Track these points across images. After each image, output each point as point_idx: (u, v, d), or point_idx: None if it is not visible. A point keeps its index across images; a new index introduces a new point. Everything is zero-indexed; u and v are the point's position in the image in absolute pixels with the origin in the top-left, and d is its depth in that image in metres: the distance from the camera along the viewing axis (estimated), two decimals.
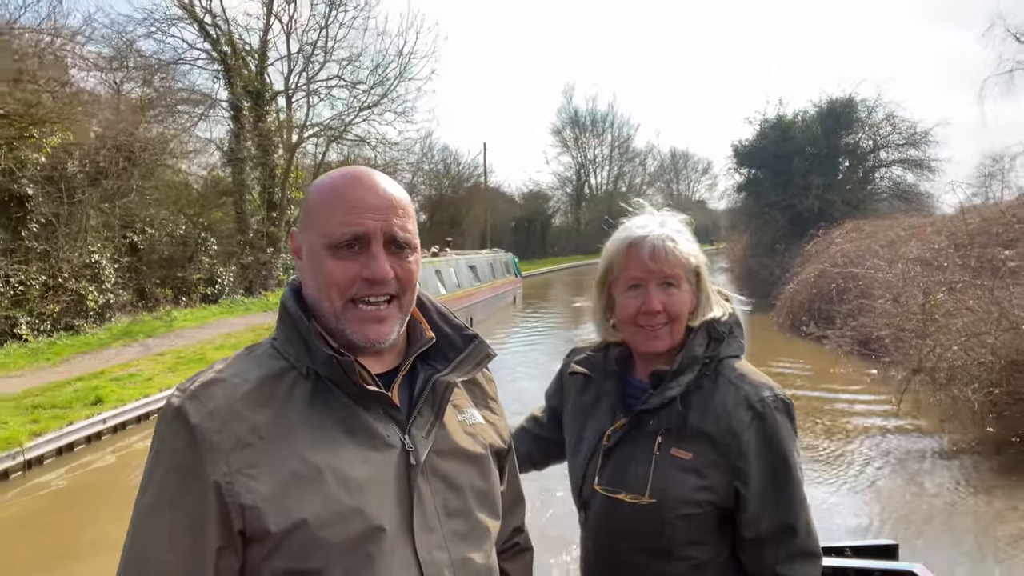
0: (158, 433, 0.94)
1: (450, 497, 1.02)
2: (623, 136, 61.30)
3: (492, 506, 1.09)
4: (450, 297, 15.66)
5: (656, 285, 1.38)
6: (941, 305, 8.95)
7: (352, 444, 0.95)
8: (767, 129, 26.18)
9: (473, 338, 1.12)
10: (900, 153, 26.13)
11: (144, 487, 0.93)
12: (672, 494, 1.32)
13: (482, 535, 1.05)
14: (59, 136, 10.21)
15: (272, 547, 0.89)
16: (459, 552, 1.00)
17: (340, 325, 0.99)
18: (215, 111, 20.08)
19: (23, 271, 11.20)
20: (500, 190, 45.29)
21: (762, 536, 1.32)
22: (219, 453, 0.89)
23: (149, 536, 0.90)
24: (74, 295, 12.23)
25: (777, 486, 1.31)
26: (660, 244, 1.37)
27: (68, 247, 12.11)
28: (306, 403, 0.96)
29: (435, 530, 0.99)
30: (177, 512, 0.89)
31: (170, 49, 18.89)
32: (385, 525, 0.93)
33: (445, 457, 1.03)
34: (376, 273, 0.98)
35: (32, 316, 11.41)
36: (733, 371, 1.38)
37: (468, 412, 1.13)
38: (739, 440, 1.31)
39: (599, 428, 1.45)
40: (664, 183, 70.18)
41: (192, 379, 0.97)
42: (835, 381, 10.32)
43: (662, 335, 1.38)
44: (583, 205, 57.70)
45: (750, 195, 27.28)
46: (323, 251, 0.98)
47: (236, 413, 0.92)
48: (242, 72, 20.20)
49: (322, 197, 1.01)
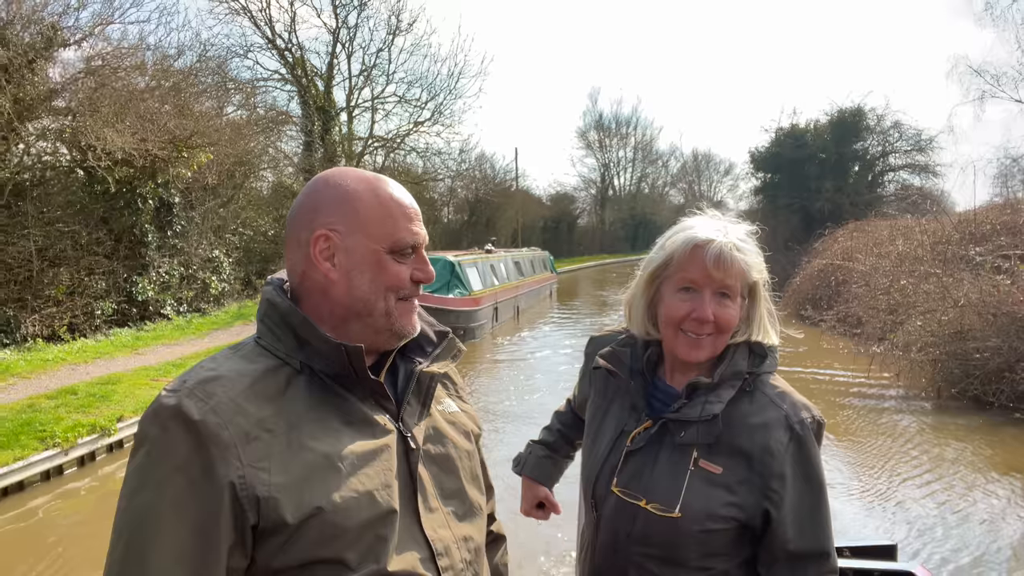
0: (147, 434, 0.91)
1: (445, 479, 1.08)
2: (647, 138, 63.46)
3: (480, 486, 1.16)
4: (502, 288, 18.27)
5: (712, 293, 1.32)
6: (903, 290, 11.33)
7: (353, 432, 0.98)
8: (782, 137, 28.30)
9: (445, 334, 1.17)
10: (907, 158, 28.14)
11: (136, 488, 0.89)
12: (699, 508, 1.27)
13: (476, 512, 1.12)
14: (205, 156, 12.98)
15: (287, 538, 0.90)
16: (459, 530, 1.06)
17: (390, 321, 1.05)
18: (287, 126, 22.90)
19: (168, 263, 14.00)
20: (530, 192, 47.68)
21: (794, 558, 1.28)
22: (229, 449, 0.88)
23: (149, 541, 0.87)
24: (201, 283, 15.03)
25: (811, 510, 1.28)
26: (728, 252, 1.31)
27: (196, 244, 14.92)
28: (304, 397, 0.98)
29: (436, 511, 1.04)
30: (183, 514, 0.87)
31: (254, 72, 21.86)
32: (396, 507, 0.97)
33: (436, 443, 1.09)
34: (429, 275, 1.08)
35: (174, 300, 14.22)
36: (772, 388, 1.34)
37: (445, 402, 1.18)
38: (776, 460, 1.27)
39: (618, 426, 1.41)
40: (686, 184, 71.99)
41: (182, 379, 0.95)
42: (823, 354, 12.68)
43: (705, 344, 1.33)
44: (607, 206, 59.85)
45: (766, 197, 29.48)
46: (383, 255, 1.04)
47: (239, 408, 0.92)
48: (311, 92, 23.02)
49: (377, 204, 1.05)
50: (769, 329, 1.39)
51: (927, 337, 10.31)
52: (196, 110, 12.37)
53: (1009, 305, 9.60)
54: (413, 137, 26.18)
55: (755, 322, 1.38)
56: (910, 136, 27.36)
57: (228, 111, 17.58)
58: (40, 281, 10.94)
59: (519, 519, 1.90)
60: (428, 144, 26.93)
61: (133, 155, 11.03)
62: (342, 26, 23.68)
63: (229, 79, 18.57)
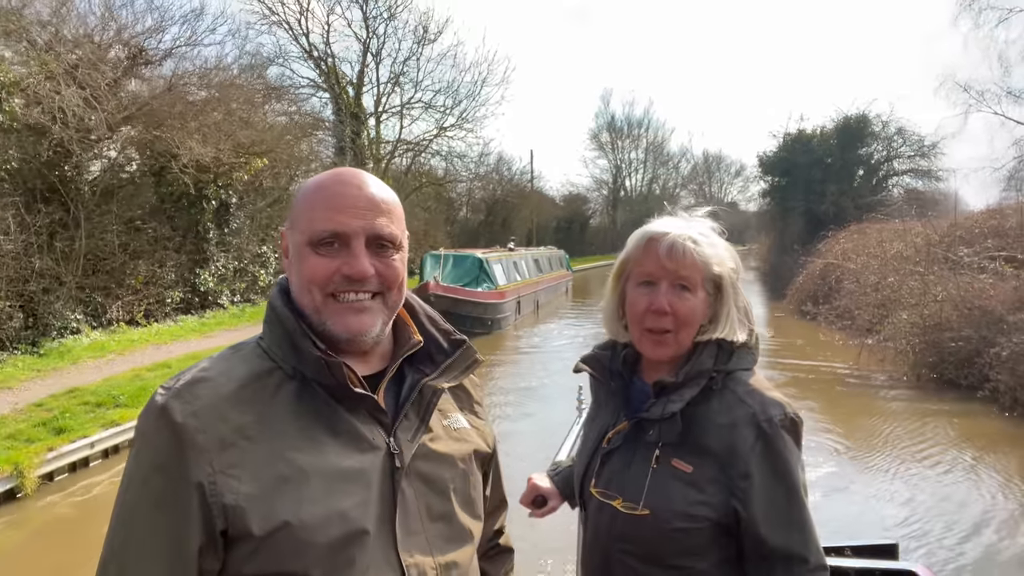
0: (140, 430, 0.94)
1: (433, 500, 1.03)
2: (658, 140, 64.05)
3: (475, 510, 1.11)
4: (524, 283, 19.65)
5: (668, 285, 1.33)
6: (890, 287, 12.61)
7: (337, 446, 0.96)
8: (789, 142, 29.29)
9: (461, 343, 1.13)
10: (911, 163, 29.15)
11: (126, 485, 0.93)
12: (668, 506, 1.29)
13: (465, 538, 1.06)
14: (261, 161, 14.43)
15: (254, 549, 0.89)
16: (442, 555, 1.01)
17: (321, 319, 0.99)
18: (321, 131, 24.38)
19: (224, 258, 15.46)
20: (543, 192, 48.92)
21: (770, 559, 1.27)
22: (203, 453, 0.89)
23: (131, 535, 0.91)
24: (251, 276, 16.51)
25: (782, 509, 1.27)
26: (680, 243, 1.32)
27: (247, 240, 16.39)
28: (291, 404, 0.96)
29: (418, 533, 1.00)
30: (161, 512, 0.90)
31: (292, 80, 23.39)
32: (368, 528, 0.94)
33: (430, 461, 1.04)
34: (354, 270, 0.98)
35: (229, 291, 15.69)
36: (742, 385, 1.33)
37: (453, 417, 1.13)
38: (741, 459, 1.26)
39: (603, 429, 1.43)
40: (697, 185, 72.22)
41: (177, 377, 0.97)
42: (820, 346, 13.95)
43: (668, 342, 1.34)
44: (619, 207, 60.87)
45: (774, 200, 30.54)
46: (305, 248, 0.99)
47: (221, 413, 0.92)
48: (343, 98, 24.48)
49: (307, 196, 1.02)
50: (737, 327, 1.36)
51: (910, 328, 11.55)
52: (256, 120, 13.82)
53: (981, 300, 10.84)
54: (437, 141, 27.63)
55: (722, 318, 1.36)
56: (913, 142, 28.37)
57: (272, 118, 19.04)
58: (123, 272, 12.40)
59: (544, 520, 1.73)
60: (451, 148, 28.37)
61: (208, 163, 12.49)
62: (372, 36, 25.16)
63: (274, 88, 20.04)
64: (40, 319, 10.51)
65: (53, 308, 10.73)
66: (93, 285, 11.85)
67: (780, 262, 27.48)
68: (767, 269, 30.35)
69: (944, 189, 27.01)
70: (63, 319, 10.93)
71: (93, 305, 11.85)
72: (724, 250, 1.38)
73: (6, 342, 9.82)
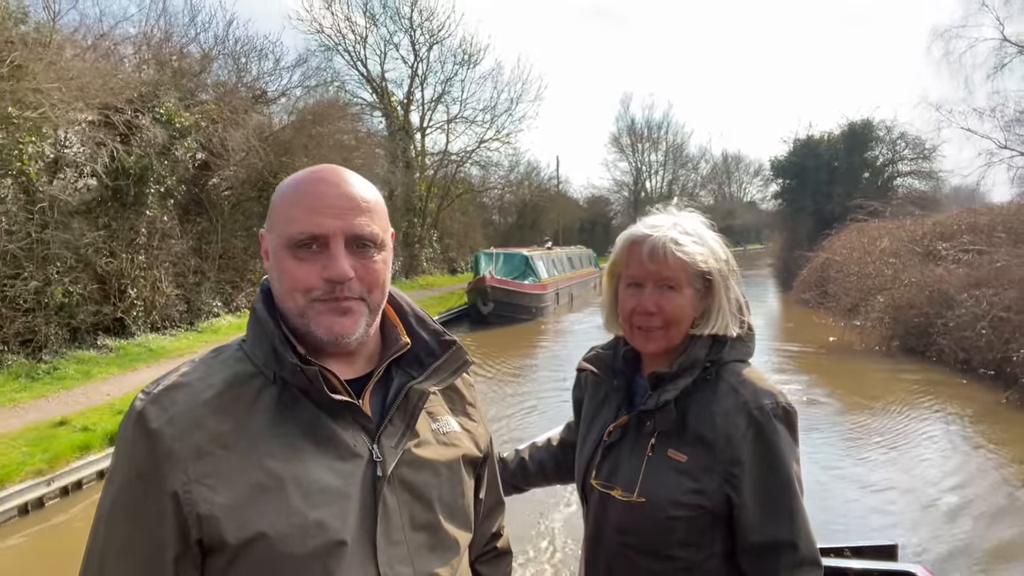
0: (119, 435, 0.93)
1: (417, 509, 1.00)
2: (678, 142, 65.41)
3: (462, 518, 1.07)
4: (561, 278, 22.58)
5: (654, 286, 1.36)
6: (869, 275, 15.31)
7: (317, 454, 0.94)
8: (799, 147, 31.71)
9: (451, 344, 1.10)
10: (913, 165, 31.38)
11: (105, 491, 0.93)
12: (664, 495, 1.32)
13: (450, 548, 1.03)
14: None
15: (230, 559, 0.89)
16: (424, 566, 0.98)
17: (305, 322, 0.97)
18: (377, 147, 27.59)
19: None
20: (568, 195, 51.51)
21: (760, 548, 1.29)
22: (178, 462, 0.88)
23: (108, 543, 0.91)
24: None
25: (772, 497, 1.29)
26: (660, 245, 1.34)
27: None
28: (271, 410, 0.94)
29: (399, 543, 0.97)
30: (136, 520, 0.89)
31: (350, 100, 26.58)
32: (346, 539, 0.92)
33: (415, 468, 1.01)
34: (335, 273, 0.96)
35: None
36: (736, 375, 1.36)
37: (443, 420, 1.10)
38: (733, 446, 1.29)
39: (604, 424, 1.46)
40: (716, 185, 73.33)
41: (157, 382, 0.95)
42: (812, 326, 16.63)
43: (656, 337, 1.38)
44: (640, 208, 62.91)
45: (785, 201, 32.98)
46: (283, 251, 0.97)
47: (197, 420, 0.90)
48: (395, 117, 27.61)
49: (284, 195, 1.00)
50: (730, 320, 1.38)
51: (884, 308, 14.16)
52: (347, 142, 16.96)
53: (940, 284, 13.44)
54: (477, 152, 30.68)
55: (714, 312, 1.38)
56: (915, 146, 30.61)
57: (340, 137, 22.18)
58: (245, 267, 15.49)
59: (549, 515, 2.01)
60: (487, 158, 31.40)
61: None
62: (419, 61, 28.29)
63: (352, 112, 23.24)
64: (193, 305, 13.58)
65: (202, 297, 13.81)
66: (225, 279, 14.96)
67: (790, 258, 29.78)
68: (780, 265, 32.81)
69: (944, 190, 29.32)
70: (208, 306, 14.02)
71: (225, 295, 14.94)
72: (713, 245, 1.40)
73: (178, 322, 12.92)
